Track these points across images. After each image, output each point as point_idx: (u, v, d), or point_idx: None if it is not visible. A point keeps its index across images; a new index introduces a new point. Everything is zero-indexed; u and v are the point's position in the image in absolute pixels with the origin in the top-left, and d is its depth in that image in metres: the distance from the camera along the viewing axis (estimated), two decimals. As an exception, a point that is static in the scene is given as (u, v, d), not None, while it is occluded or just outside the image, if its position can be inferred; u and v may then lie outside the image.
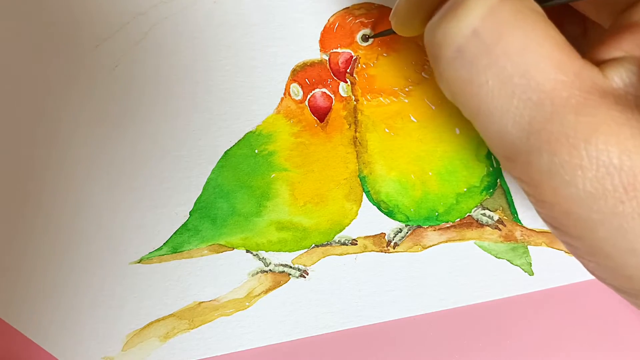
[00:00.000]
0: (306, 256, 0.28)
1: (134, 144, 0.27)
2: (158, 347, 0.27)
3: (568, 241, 0.18)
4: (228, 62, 0.27)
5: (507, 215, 0.28)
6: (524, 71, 0.16)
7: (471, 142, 0.28)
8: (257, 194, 0.27)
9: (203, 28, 0.27)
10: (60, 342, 0.27)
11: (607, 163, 0.15)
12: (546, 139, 0.16)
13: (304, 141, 0.27)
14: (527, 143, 0.16)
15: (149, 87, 0.27)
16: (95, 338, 0.27)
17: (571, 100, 0.16)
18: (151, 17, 0.27)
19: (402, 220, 0.28)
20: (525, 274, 0.28)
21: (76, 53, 0.27)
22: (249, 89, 0.27)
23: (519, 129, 0.17)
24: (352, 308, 0.28)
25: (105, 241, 0.27)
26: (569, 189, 0.16)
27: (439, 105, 0.27)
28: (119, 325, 0.27)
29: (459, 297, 0.28)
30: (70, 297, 0.27)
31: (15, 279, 0.27)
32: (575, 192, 0.16)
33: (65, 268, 0.27)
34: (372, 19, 0.27)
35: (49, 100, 0.27)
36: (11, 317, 0.27)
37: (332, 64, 0.27)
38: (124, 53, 0.27)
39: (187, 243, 0.27)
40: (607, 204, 0.16)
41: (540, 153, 0.16)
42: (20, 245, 0.27)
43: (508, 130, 0.17)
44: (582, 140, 0.16)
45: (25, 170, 0.27)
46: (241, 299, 0.27)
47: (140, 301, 0.27)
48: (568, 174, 0.16)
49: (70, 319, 0.27)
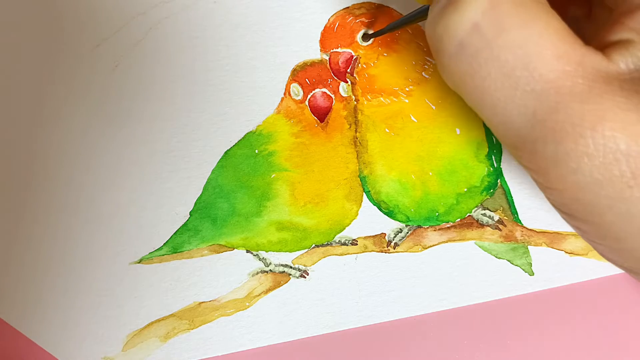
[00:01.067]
0: (306, 256, 0.28)
1: (134, 144, 0.27)
2: (158, 347, 0.27)
3: (577, 225, 0.18)
4: (228, 62, 0.27)
5: (508, 216, 0.28)
6: (526, 63, 0.16)
7: (471, 142, 0.27)
8: (257, 194, 0.27)
9: (203, 28, 0.27)
10: (61, 342, 0.27)
11: (615, 149, 0.16)
12: (551, 128, 0.16)
13: (304, 141, 0.27)
14: (532, 132, 0.17)
15: (149, 87, 0.27)
16: (95, 338, 0.27)
17: (575, 89, 0.16)
18: (151, 17, 0.27)
19: (402, 220, 0.28)
20: (526, 274, 0.28)
21: (76, 53, 0.27)
22: (249, 89, 0.27)
23: (524, 119, 0.17)
24: (353, 308, 0.28)
25: (105, 241, 0.27)
26: (575, 176, 0.16)
27: (439, 106, 0.27)
28: (119, 325, 0.27)
29: (459, 297, 0.28)
30: (70, 297, 0.27)
31: (16, 279, 0.27)
32: (582, 179, 0.16)
33: (66, 268, 0.27)
34: (372, 19, 0.27)
35: (49, 100, 0.27)
36: (12, 317, 0.27)
37: (332, 63, 0.27)
38: (124, 53, 0.27)
39: (187, 243, 0.27)
40: (614, 189, 0.16)
41: (545, 142, 0.16)
42: (21, 245, 0.27)
43: (513, 121, 0.17)
44: (588, 128, 0.16)
45: (25, 169, 0.27)
46: (241, 299, 0.27)
47: (141, 301, 0.27)
48: (574, 162, 0.16)
49: (70, 319, 0.27)
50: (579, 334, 0.28)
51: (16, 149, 0.27)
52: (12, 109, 0.27)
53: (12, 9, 0.27)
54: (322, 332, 0.28)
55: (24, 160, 0.27)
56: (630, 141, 0.15)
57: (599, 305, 0.28)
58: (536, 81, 0.16)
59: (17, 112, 0.27)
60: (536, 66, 0.16)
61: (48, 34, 0.27)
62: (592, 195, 0.16)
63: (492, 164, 0.28)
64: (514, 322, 0.28)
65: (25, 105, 0.27)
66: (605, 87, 0.16)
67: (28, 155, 0.27)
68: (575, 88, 0.16)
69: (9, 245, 0.27)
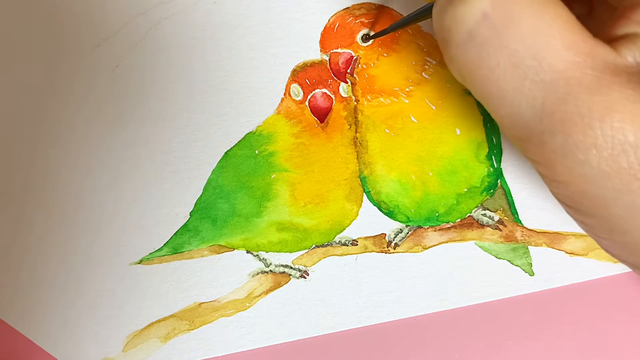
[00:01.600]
0: (306, 257, 0.28)
1: (134, 144, 0.27)
2: (159, 347, 0.27)
3: (583, 219, 0.18)
4: (228, 62, 0.27)
5: (508, 216, 0.28)
6: (536, 53, 0.16)
7: (471, 142, 0.27)
8: (257, 194, 0.27)
9: (203, 28, 0.27)
10: (61, 343, 0.27)
11: (623, 141, 0.16)
12: (560, 119, 0.16)
13: (304, 142, 0.27)
14: (540, 124, 0.16)
15: (149, 87, 0.27)
16: (95, 339, 0.27)
17: (584, 80, 0.16)
18: (151, 17, 0.27)
19: (402, 220, 0.28)
20: (526, 275, 0.28)
21: (76, 53, 0.27)
22: (249, 89, 0.27)
23: (532, 111, 0.17)
24: (353, 309, 0.28)
25: (105, 242, 0.27)
26: (583, 169, 0.16)
27: (439, 106, 0.27)
28: (119, 325, 0.27)
29: (460, 297, 0.28)
30: (70, 298, 0.27)
31: (17, 280, 0.27)
32: (590, 171, 0.16)
33: (66, 269, 0.27)
34: (372, 19, 0.27)
35: (49, 100, 0.27)
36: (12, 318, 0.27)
37: (332, 64, 0.27)
38: (124, 53, 0.27)
39: (187, 244, 0.27)
40: (621, 181, 0.16)
41: (553, 134, 0.16)
42: (21, 246, 0.27)
43: (521, 112, 0.17)
44: (597, 119, 0.16)
45: (25, 170, 0.27)
46: (242, 300, 0.27)
47: (141, 302, 0.27)
48: (582, 154, 0.16)
49: (70, 320, 0.27)
50: (580, 334, 0.28)
51: (16, 149, 0.27)
52: (13, 109, 0.27)
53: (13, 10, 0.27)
54: (323, 333, 0.27)
55: (24, 161, 0.27)
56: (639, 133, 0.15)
57: (600, 305, 0.28)
58: (545, 71, 0.16)
59: (18, 113, 0.27)
60: (545, 56, 0.16)
61: (48, 35, 0.27)
62: (599, 187, 0.16)
63: (492, 164, 0.28)
64: (514, 323, 0.28)
65: (25, 106, 0.27)
66: (613, 79, 0.16)
67: (28, 156, 0.27)
68: (584, 79, 0.16)
69: (9, 246, 0.27)
